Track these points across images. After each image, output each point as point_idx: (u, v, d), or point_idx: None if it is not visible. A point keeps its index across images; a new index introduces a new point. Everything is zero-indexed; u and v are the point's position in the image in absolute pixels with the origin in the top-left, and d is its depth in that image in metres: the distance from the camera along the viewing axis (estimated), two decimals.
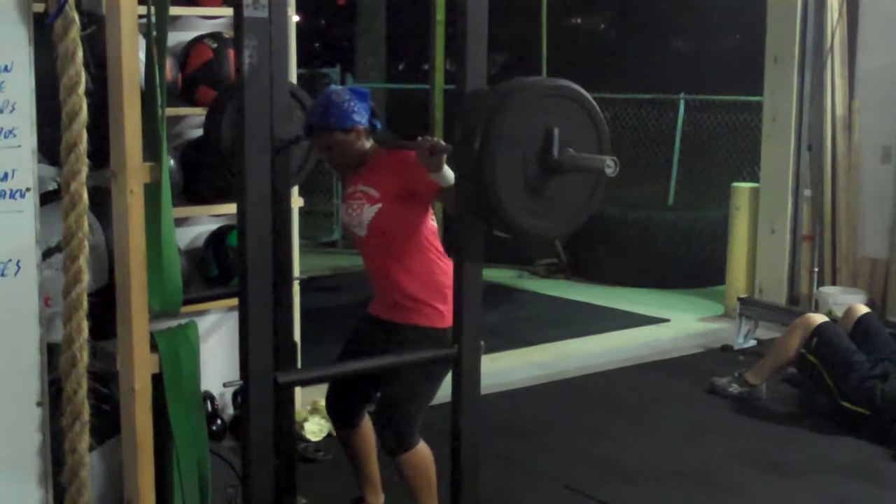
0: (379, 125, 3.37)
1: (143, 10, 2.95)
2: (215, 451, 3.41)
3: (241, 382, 2.56)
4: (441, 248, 3.38)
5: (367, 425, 3.59)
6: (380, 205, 3.27)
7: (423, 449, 3.40)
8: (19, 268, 2.83)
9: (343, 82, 11.25)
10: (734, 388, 5.31)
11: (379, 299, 3.45)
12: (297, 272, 3.85)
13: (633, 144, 11.03)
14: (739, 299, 6.57)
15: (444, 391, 3.01)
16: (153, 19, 2.97)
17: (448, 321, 3.26)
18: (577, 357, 6.16)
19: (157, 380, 3.12)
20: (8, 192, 2.79)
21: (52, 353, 2.93)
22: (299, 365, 3.56)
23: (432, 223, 3.37)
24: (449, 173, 2.98)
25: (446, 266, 3.34)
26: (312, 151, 3.66)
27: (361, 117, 3.27)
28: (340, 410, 3.57)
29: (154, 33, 2.99)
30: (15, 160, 2.79)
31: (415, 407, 3.35)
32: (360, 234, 3.35)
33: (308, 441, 4.46)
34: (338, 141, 3.26)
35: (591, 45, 16.49)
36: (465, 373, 2.78)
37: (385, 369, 3.29)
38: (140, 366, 3.06)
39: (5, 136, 2.78)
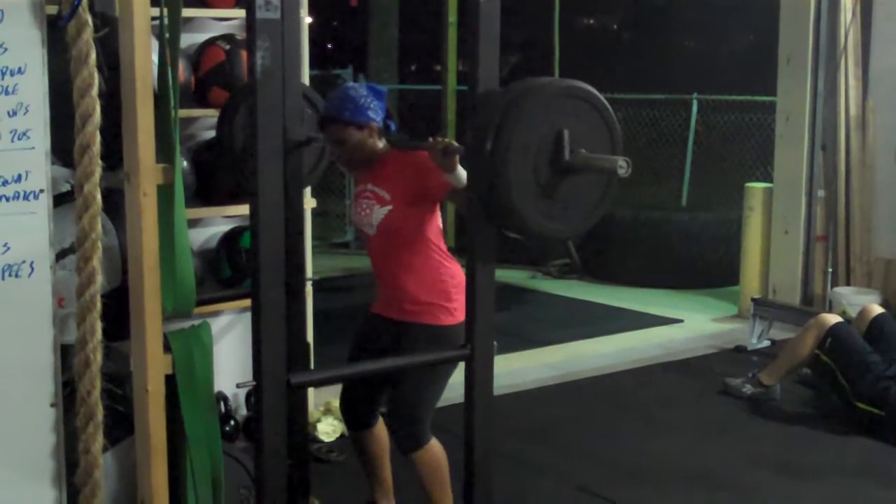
0: (394, 127, 3.35)
1: (155, 11, 2.96)
2: (228, 452, 3.41)
3: (254, 383, 2.56)
4: (445, 248, 3.38)
5: (380, 427, 3.59)
6: (390, 206, 3.27)
7: (435, 446, 3.40)
8: (33, 269, 2.84)
9: None
10: (748, 389, 5.29)
11: (383, 298, 3.45)
12: (309, 273, 3.86)
13: (646, 145, 11.00)
14: (753, 300, 6.54)
15: (457, 392, 3.01)
16: (166, 21, 2.98)
17: (455, 318, 3.28)
18: (590, 358, 6.15)
19: (171, 381, 3.13)
20: (21, 194, 2.80)
21: (66, 355, 2.94)
22: (312, 366, 3.56)
23: (438, 223, 3.37)
24: (462, 173, 2.98)
25: (451, 267, 3.36)
26: (325, 153, 3.66)
27: (376, 115, 3.26)
28: (355, 412, 3.57)
29: (167, 35, 3.00)
30: (28, 162, 2.80)
31: (425, 404, 3.35)
32: (370, 232, 3.35)
33: (321, 442, 4.46)
34: (350, 135, 3.25)
35: (603, 45, 16.45)
36: (478, 374, 2.77)
37: (398, 369, 3.29)
38: (153, 367, 3.06)
39: (19, 138, 2.78)
